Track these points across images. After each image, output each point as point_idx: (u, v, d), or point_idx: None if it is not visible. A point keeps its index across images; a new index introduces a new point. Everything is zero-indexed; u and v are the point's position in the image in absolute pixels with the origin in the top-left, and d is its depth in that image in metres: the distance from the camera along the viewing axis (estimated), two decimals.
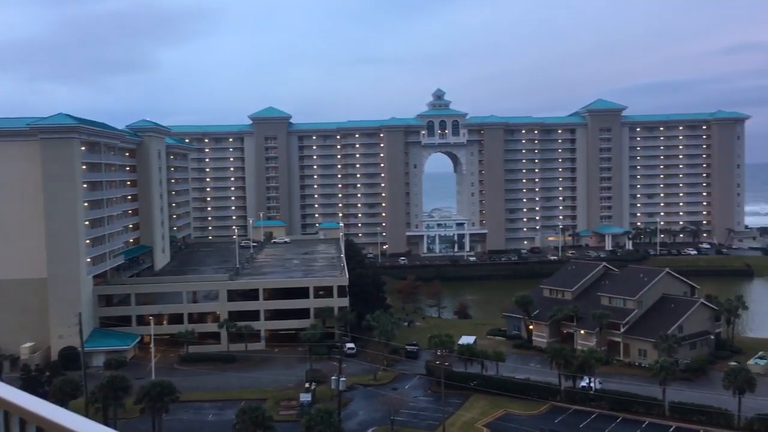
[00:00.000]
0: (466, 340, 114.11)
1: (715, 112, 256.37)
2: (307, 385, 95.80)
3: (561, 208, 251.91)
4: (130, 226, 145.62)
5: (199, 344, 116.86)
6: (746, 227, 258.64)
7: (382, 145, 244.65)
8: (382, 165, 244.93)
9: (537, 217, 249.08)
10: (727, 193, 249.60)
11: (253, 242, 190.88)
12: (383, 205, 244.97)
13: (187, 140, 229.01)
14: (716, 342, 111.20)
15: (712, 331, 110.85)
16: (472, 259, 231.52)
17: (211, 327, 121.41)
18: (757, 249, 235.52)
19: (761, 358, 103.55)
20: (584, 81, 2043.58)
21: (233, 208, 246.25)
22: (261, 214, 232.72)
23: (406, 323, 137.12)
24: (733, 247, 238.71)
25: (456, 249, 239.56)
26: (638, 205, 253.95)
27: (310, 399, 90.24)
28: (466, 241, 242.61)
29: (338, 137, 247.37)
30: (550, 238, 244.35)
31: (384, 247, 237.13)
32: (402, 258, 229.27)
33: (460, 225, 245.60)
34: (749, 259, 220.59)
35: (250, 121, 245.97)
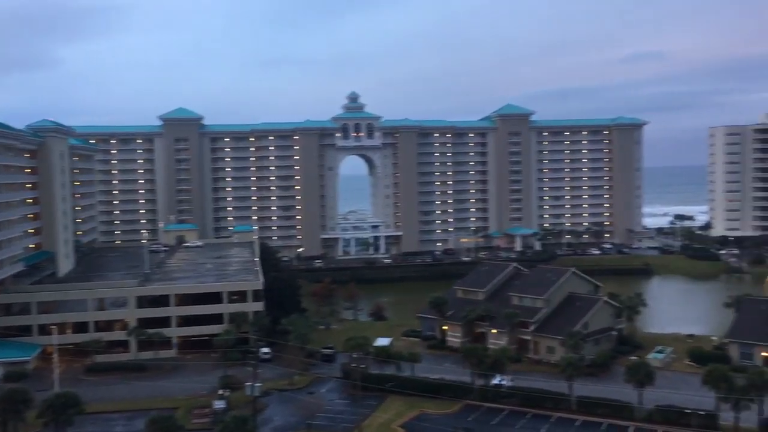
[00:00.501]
0: (382, 341, 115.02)
1: (616, 118, 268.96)
2: (220, 391, 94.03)
3: (473, 210, 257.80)
4: (31, 230, 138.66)
5: (106, 353, 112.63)
6: (645, 228, 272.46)
7: (296, 147, 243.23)
8: (296, 167, 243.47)
9: (450, 219, 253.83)
10: (627, 195, 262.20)
11: (164, 246, 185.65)
12: (298, 207, 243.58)
13: (92, 141, 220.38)
14: (618, 338, 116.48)
15: (614, 328, 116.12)
16: (387, 261, 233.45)
17: (119, 335, 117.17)
18: (654, 248, 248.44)
19: (659, 352, 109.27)
20: (495, 86, 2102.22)
21: (142, 211, 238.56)
22: (172, 218, 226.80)
23: (322, 326, 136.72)
24: (633, 246, 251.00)
25: (371, 251, 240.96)
26: (546, 207, 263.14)
27: (224, 406, 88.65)
28: (382, 243, 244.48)
29: (252, 139, 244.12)
30: (463, 240, 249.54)
31: (299, 250, 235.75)
32: (317, 261, 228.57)
33: (375, 227, 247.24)
34: (648, 258, 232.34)
35: (160, 122, 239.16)
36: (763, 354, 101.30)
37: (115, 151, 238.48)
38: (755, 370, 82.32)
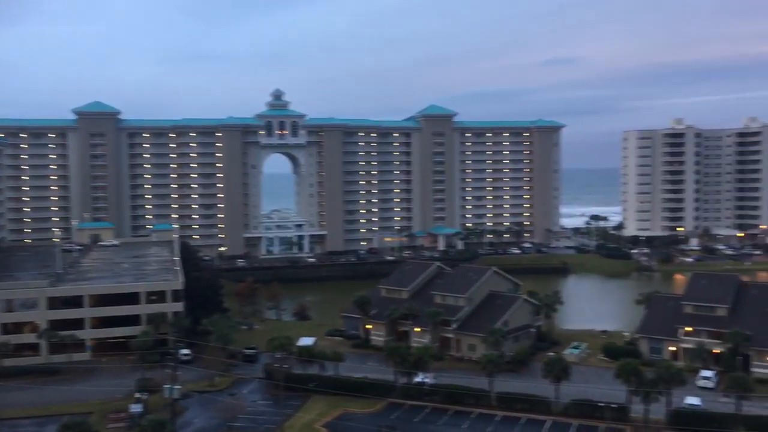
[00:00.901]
0: (306, 341, 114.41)
1: (536, 121, 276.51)
2: (137, 395, 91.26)
3: (397, 209, 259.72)
4: None
5: (14, 357, 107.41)
6: (562, 228, 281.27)
7: (219, 144, 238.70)
8: (219, 165, 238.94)
9: (375, 219, 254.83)
10: (546, 196, 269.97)
11: (77, 245, 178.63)
12: (220, 206, 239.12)
13: (0, 135, 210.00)
14: (537, 335, 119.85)
15: (533, 325, 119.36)
16: (311, 260, 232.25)
17: (28, 337, 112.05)
18: (571, 248, 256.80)
19: (575, 348, 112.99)
20: (420, 87, 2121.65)
21: (55, 209, 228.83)
22: (86, 216, 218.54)
23: (244, 327, 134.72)
24: (551, 246, 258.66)
25: (295, 250, 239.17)
26: (468, 207, 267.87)
27: (141, 409, 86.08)
28: (306, 242, 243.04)
29: (173, 135, 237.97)
30: (387, 239, 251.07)
31: (221, 249, 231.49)
32: (240, 260, 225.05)
33: (299, 226, 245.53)
34: (565, 257, 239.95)
35: (75, 116, 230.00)
36: (671, 348, 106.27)
37: (25, 146, 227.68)
38: (663, 364, 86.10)
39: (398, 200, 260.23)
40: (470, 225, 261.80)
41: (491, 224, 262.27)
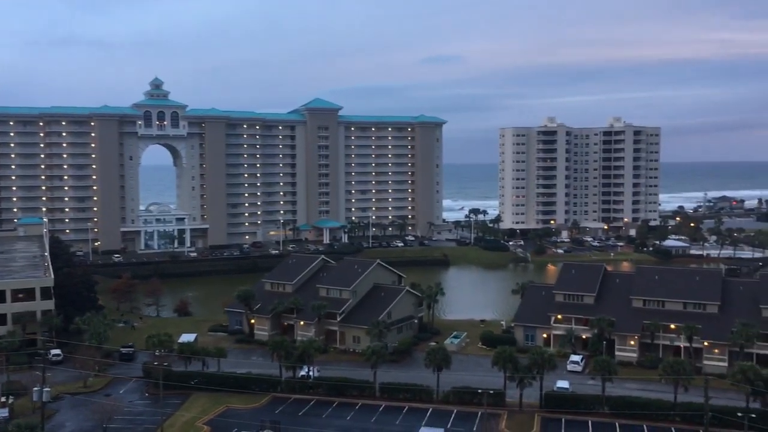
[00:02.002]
0: (187, 338, 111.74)
1: (418, 116, 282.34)
2: (2, 399, 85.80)
3: (282, 203, 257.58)
4: None
5: None
6: (444, 221, 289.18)
7: (93, 134, 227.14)
8: (93, 156, 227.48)
9: (259, 212, 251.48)
10: (428, 190, 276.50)
11: None
12: (95, 199, 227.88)
13: None
14: (419, 325, 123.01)
15: (415, 316, 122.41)
16: (193, 254, 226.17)
17: None
18: (452, 240, 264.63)
19: (455, 337, 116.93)
20: (304, 80, 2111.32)
21: None
22: None
23: (121, 324, 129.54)
24: (433, 239, 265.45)
25: (176, 245, 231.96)
26: (353, 200, 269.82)
27: (6, 415, 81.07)
28: (187, 236, 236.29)
29: (41, 124, 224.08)
30: (272, 233, 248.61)
31: (96, 244, 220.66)
32: (116, 255, 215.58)
33: (180, 220, 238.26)
34: (446, 249, 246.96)
35: None
36: (544, 335, 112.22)
37: None
38: (536, 350, 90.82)
39: (283, 194, 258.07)
40: (355, 218, 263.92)
41: (375, 218, 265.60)
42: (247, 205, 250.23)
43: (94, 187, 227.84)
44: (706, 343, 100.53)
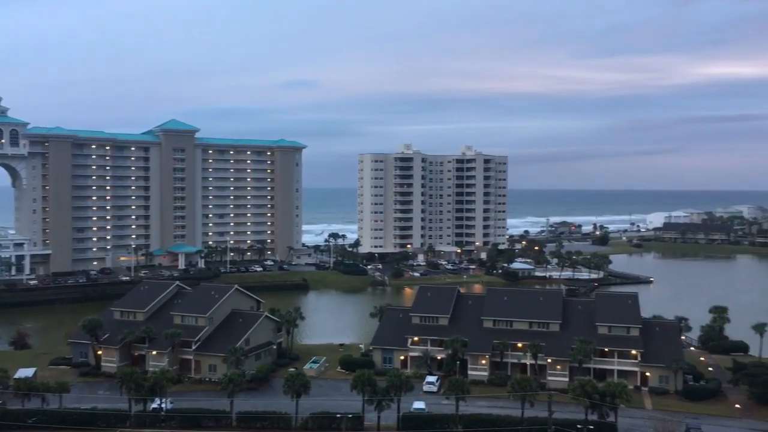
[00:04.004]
0: (24, 372, 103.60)
1: (278, 140, 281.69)
2: None
3: (134, 227, 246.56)
4: None
5: None
6: (303, 245, 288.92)
7: None
8: None
9: (108, 237, 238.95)
10: (287, 214, 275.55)
11: None
12: None
13: None
14: (279, 351, 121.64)
15: (275, 342, 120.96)
16: (32, 282, 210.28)
17: None
18: (312, 265, 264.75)
19: (315, 362, 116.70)
20: (160, 100, 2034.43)
21: None
22: None
23: None
24: (293, 263, 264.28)
25: (13, 272, 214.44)
26: (210, 224, 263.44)
27: None
28: (26, 262, 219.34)
29: None
30: (123, 258, 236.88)
31: None
32: None
33: (18, 245, 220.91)
34: (306, 273, 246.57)
35: None
36: (401, 357, 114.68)
37: None
38: (394, 373, 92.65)
39: (135, 217, 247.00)
40: (212, 243, 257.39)
41: (234, 242, 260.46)
42: (95, 229, 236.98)
43: None
44: (549, 360, 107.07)
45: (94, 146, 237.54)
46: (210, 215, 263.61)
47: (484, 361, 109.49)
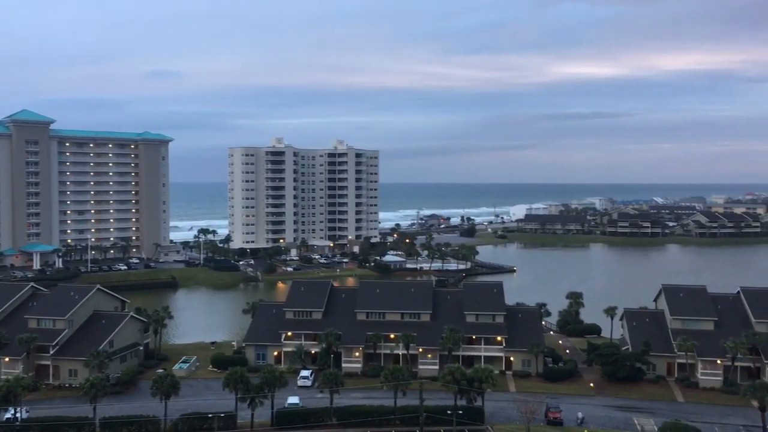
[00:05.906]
0: None
1: (143, 133, 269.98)
2: None
3: None
4: None
5: None
6: (171, 242, 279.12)
7: None
8: None
9: None
10: (154, 210, 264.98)
11: None
12: None
13: None
14: (145, 352, 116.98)
15: (141, 342, 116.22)
16: None
17: None
18: (181, 262, 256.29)
19: (185, 362, 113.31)
20: (11, 89, 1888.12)
21: None
22: None
23: None
24: (161, 260, 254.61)
25: None
26: (69, 221, 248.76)
27: None
28: None
29: None
30: None
31: None
32: None
33: None
34: (174, 271, 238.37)
35: None
36: (275, 353, 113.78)
37: None
38: (267, 369, 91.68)
39: None
40: (71, 241, 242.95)
41: (95, 240, 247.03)
42: None
43: None
44: (420, 350, 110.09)
45: None
46: (68, 212, 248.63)
47: (357, 354, 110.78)
